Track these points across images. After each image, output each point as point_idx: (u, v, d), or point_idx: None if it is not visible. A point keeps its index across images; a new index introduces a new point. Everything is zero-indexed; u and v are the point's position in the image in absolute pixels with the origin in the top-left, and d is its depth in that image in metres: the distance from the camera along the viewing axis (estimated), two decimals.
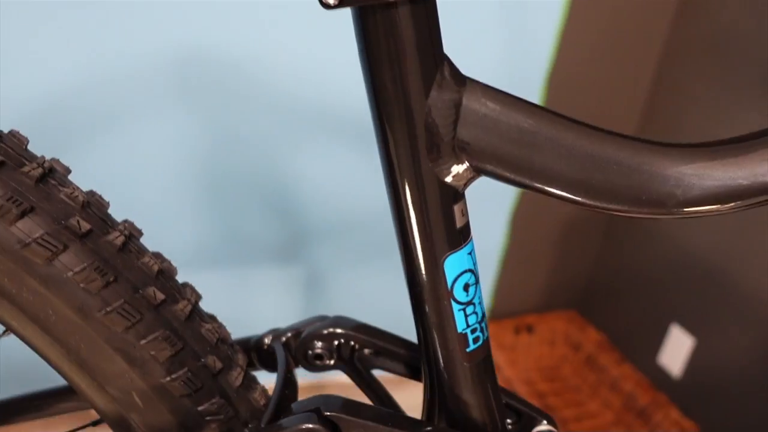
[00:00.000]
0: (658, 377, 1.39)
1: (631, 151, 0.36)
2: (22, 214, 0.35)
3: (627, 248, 1.48)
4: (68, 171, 0.39)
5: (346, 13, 0.34)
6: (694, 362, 1.33)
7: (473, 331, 0.39)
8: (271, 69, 1.04)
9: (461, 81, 0.35)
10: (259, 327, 1.33)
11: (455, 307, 0.38)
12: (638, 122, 1.42)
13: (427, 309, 0.39)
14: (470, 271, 0.38)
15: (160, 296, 0.39)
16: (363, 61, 0.34)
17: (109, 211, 0.40)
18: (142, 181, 1.08)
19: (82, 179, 0.41)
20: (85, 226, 0.36)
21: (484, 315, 0.40)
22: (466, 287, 0.38)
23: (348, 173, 1.19)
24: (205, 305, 0.44)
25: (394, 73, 0.33)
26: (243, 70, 1.03)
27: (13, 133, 0.38)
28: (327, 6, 0.32)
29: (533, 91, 1.26)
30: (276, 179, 1.18)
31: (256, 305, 1.31)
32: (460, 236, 0.37)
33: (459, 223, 0.37)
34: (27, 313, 0.37)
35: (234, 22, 0.98)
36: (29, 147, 0.38)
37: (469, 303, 0.39)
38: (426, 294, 0.38)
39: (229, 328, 0.45)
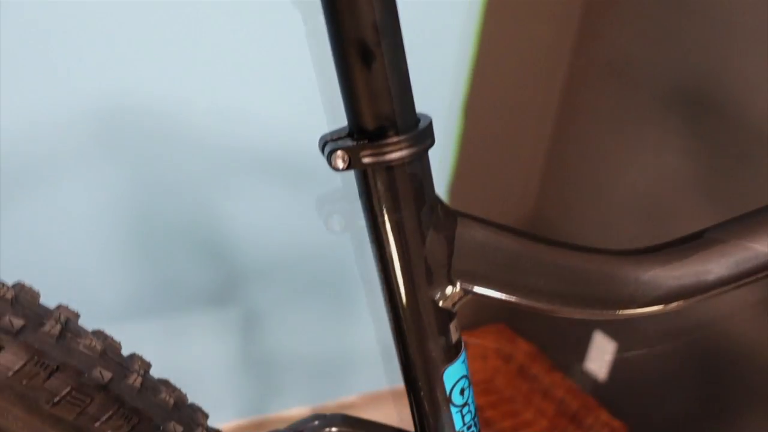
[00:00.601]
0: (586, 382, 1.49)
1: (597, 262, 0.42)
2: (50, 376, 0.36)
3: None
4: (77, 316, 0.41)
5: (273, 52, 0.36)
6: (618, 365, 1.44)
7: (469, 428, 0.44)
8: (193, 114, 1.04)
9: (453, 218, 0.39)
10: (198, 373, 1.33)
11: (453, 410, 0.43)
12: (549, 140, 1.52)
13: (427, 413, 0.43)
14: (465, 377, 0.43)
15: (179, 429, 0.41)
16: (366, 212, 0.38)
17: (39, 268, 0.40)
18: (67, 237, 1.06)
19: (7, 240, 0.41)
20: (107, 375, 0.38)
21: (476, 410, 0.45)
22: (462, 391, 0.43)
23: (278, 212, 1.21)
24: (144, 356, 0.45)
25: (394, 222, 0.37)
26: (164, 117, 1.03)
27: (25, 290, 0.39)
28: (336, 169, 0.35)
29: (451, 119, 1.32)
30: (206, 223, 1.18)
31: (193, 351, 1.31)
32: (455, 350, 0.42)
33: (454, 338, 0.42)
34: None
35: (152, 69, 0.98)
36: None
37: (465, 404, 0.43)
38: (426, 401, 0.43)
39: (169, 377, 0.46)
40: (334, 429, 0.49)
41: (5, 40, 0.87)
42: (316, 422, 0.49)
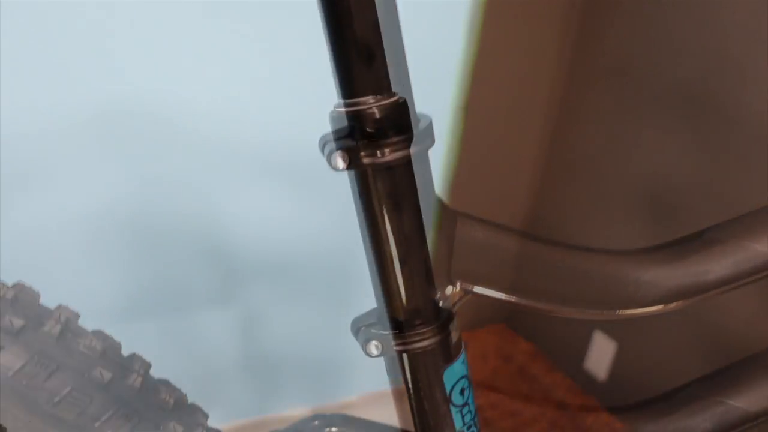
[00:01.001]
0: (586, 382, 1.49)
1: (597, 262, 0.42)
2: (50, 376, 0.36)
3: None
4: (77, 316, 0.41)
5: (273, 53, 0.36)
6: (618, 365, 1.43)
7: (468, 428, 0.44)
8: (194, 114, 1.04)
9: (453, 218, 0.39)
10: (198, 373, 1.33)
11: (453, 410, 0.43)
12: (549, 140, 1.52)
13: (428, 413, 0.43)
14: (465, 377, 0.43)
15: (179, 429, 0.41)
16: (366, 212, 0.37)
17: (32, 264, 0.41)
18: (67, 237, 1.06)
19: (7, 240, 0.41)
20: (107, 375, 0.38)
21: (476, 411, 0.45)
22: (462, 391, 0.43)
23: (278, 212, 1.21)
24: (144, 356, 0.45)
25: (394, 223, 0.37)
26: (165, 117, 1.03)
27: (25, 290, 0.39)
28: (336, 169, 0.35)
29: (451, 119, 1.32)
30: (207, 223, 1.18)
31: (193, 351, 1.31)
32: (455, 350, 0.42)
33: (454, 338, 0.41)
34: None
35: (152, 69, 0.98)
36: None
37: (465, 404, 0.43)
38: (426, 401, 0.43)
39: (169, 377, 0.47)
40: (334, 429, 0.49)
41: (5, 41, 0.87)
42: (316, 422, 0.49)
